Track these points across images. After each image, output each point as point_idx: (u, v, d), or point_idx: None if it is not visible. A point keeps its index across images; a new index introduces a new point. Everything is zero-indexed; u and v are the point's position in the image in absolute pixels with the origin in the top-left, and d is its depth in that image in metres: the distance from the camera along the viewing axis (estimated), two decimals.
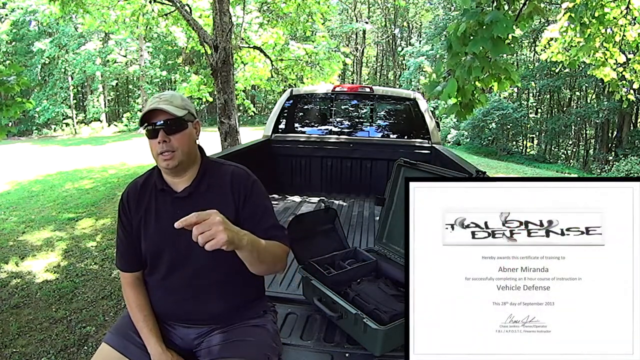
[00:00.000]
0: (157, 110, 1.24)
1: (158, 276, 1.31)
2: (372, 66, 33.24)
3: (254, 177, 1.36)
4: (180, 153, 1.25)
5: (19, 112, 3.85)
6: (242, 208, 1.29)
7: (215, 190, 1.31)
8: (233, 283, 1.31)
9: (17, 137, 19.68)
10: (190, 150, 1.29)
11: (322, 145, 4.02)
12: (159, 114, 1.24)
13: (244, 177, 1.33)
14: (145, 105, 1.29)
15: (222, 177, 1.33)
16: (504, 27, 2.41)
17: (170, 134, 1.24)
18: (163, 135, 1.24)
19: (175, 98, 1.29)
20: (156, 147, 1.25)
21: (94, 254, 4.28)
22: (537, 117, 22.90)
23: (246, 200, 1.29)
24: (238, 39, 6.83)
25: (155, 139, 1.24)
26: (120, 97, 27.28)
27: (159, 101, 1.26)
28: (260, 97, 25.11)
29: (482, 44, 2.49)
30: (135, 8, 7.47)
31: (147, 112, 1.25)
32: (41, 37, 21.03)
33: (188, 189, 1.30)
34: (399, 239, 2.03)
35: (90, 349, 2.64)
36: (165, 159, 1.25)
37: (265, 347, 1.29)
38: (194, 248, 1.25)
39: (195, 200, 1.29)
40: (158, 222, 1.30)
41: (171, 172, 1.29)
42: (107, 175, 8.74)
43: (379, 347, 1.40)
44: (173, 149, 1.24)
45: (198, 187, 1.30)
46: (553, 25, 5.68)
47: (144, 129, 1.27)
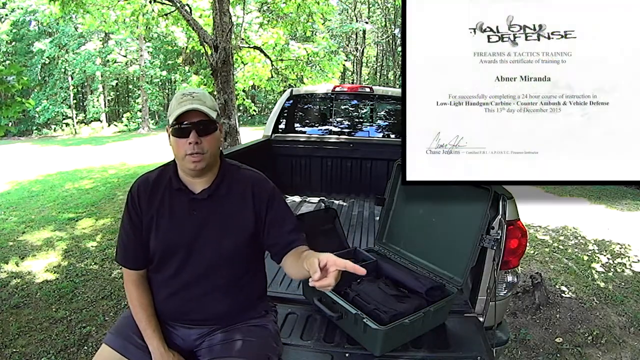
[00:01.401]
0: (192, 110, 1.19)
1: (165, 274, 1.30)
2: (372, 66, 33.23)
3: (271, 183, 1.36)
4: (209, 155, 1.23)
5: (19, 112, 3.85)
6: (265, 214, 1.29)
7: (234, 195, 1.29)
8: (239, 282, 1.31)
9: (17, 137, 19.68)
10: (216, 153, 1.27)
11: (322, 145, 4.02)
12: (193, 114, 1.19)
13: (264, 183, 1.34)
14: (174, 102, 1.23)
15: (242, 181, 1.31)
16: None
17: (202, 135, 1.20)
18: (195, 136, 1.19)
19: (206, 98, 1.24)
20: (184, 147, 1.20)
21: (94, 254, 4.28)
22: None
23: (269, 206, 1.30)
24: (238, 39, 6.83)
25: (185, 138, 1.19)
26: (120, 97, 27.27)
27: (192, 100, 1.21)
28: (260, 97, 25.10)
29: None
30: (135, 8, 7.47)
31: (187, 110, 1.19)
32: (41, 37, 21.04)
33: (207, 191, 1.28)
34: (399, 239, 2.03)
35: (91, 349, 2.64)
36: (194, 161, 1.20)
37: (266, 347, 1.29)
38: (206, 249, 1.26)
39: (214, 203, 1.28)
40: (172, 221, 1.27)
41: (196, 173, 1.25)
42: (107, 175, 8.74)
43: (379, 347, 1.40)
44: (203, 151, 1.21)
45: (217, 190, 1.28)
46: None
47: (172, 127, 1.21)
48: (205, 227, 1.26)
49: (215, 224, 1.27)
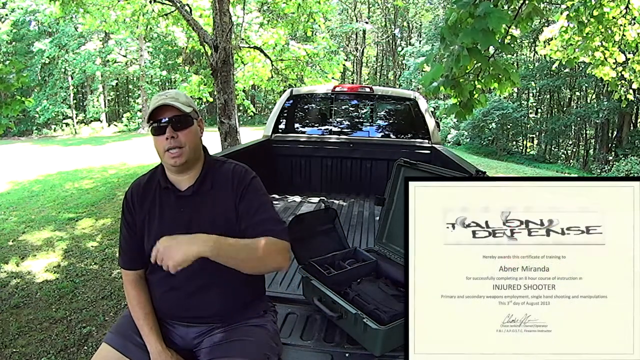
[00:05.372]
0: (163, 107, 1.24)
1: (161, 274, 1.29)
2: (372, 66, 33.23)
3: (252, 174, 1.36)
4: (188, 149, 1.26)
5: (19, 111, 3.85)
6: (239, 204, 1.29)
7: (218, 189, 1.31)
8: (235, 282, 1.31)
9: (17, 137, 19.68)
10: (196, 147, 1.30)
11: (322, 145, 4.02)
12: (166, 111, 1.25)
13: (242, 174, 1.34)
14: (150, 104, 1.29)
15: (224, 175, 1.33)
16: (497, 19, 2.39)
17: (178, 130, 1.25)
18: (171, 131, 1.24)
19: (180, 95, 1.30)
20: (163, 143, 1.25)
21: (94, 254, 4.28)
22: (537, 117, 22.90)
23: (243, 196, 1.30)
24: (238, 39, 6.83)
25: (162, 135, 1.24)
26: (120, 97, 27.28)
27: (165, 98, 1.26)
28: (260, 97, 25.11)
29: (472, 35, 2.46)
30: (136, 8, 7.47)
31: (154, 109, 1.25)
32: (41, 37, 21.04)
33: (192, 187, 1.30)
34: (399, 239, 2.03)
35: (91, 349, 2.64)
36: (173, 156, 1.25)
37: (265, 347, 1.29)
38: None
39: (199, 198, 1.30)
40: (162, 220, 1.30)
41: (178, 169, 1.29)
42: (107, 175, 8.73)
43: (379, 347, 1.40)
44: (181, 144, 1.25)
45: (201, 185, 1.31)
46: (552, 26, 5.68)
47: (150, 126, 1.27)
48: (193, 224, 1.27)
49: (204, 220, 1.28)
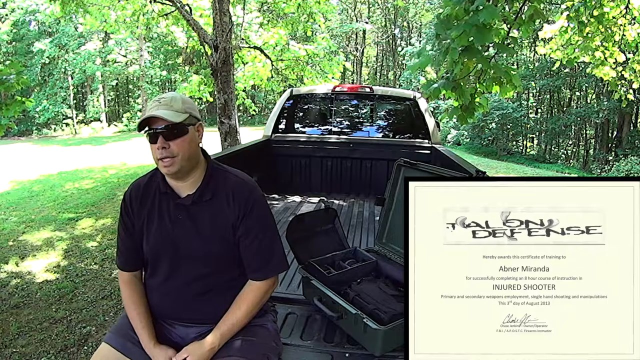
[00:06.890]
0: (154, 117, 1.22)
1: (159, 278, 1.32)
2: (372, 66, 33.22)
3: (257, 194, 1.32)
4: (181, 159, 1.23)
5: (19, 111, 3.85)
6: (239, 225, 1.27)
7: (217, 201, 1.29)
8: (233, 285, 1.31)
9: (17, 137, 19.68)
10: (191, 155, 1.26)
11: (322, 145, 4.02)
12: (157, 119, 1.22)
13: (246, 193, 1.30)
14: (146, 108, 1.28)
15: (228, 187, 1.30)
16: (488, 13, 2.38)
17: (170, 139, 1.22)
18: (162, 141, 1.22)
19: (175, 101, 1.25)
20: (156, 152, 1.24)
21: (94, 254, 4.28)
22: (537, 117, 22.88)
23: (244, 218, 1.27)
24: (238, 39, 6.83)
25: (155, 144, 1.23)
26: (120, 97, 27.27)
27: (159, 105, 1.24)
28: (260, 97, 25.09)
29: (464, 29, 2.45)
30: (136, 8, 7.47)
31: (146, 118, 1.23)
32: (41, 37, 21.03)
33: (191, 196, 1.28)
34: (399, 239, 2.03)
35: (91, 349, 2.64)
36: (165, 165, 1.23)
37: (265, 347, 1.29)
38: (193, 252, 1.28)
39: (199, 208, 1.28)
40: (160, 224, 1.30)
41: (172, 177, 1.28)
42: (108, 175, 8.73)
43: (379, 347, 1.40)
44: (173, 154, 1.22)
45: (202, 196, 1.29)
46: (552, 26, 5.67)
47: (146, 133, 1.26)
48: (191, 232, 1.27)
49: (202, 229, 1.28)
